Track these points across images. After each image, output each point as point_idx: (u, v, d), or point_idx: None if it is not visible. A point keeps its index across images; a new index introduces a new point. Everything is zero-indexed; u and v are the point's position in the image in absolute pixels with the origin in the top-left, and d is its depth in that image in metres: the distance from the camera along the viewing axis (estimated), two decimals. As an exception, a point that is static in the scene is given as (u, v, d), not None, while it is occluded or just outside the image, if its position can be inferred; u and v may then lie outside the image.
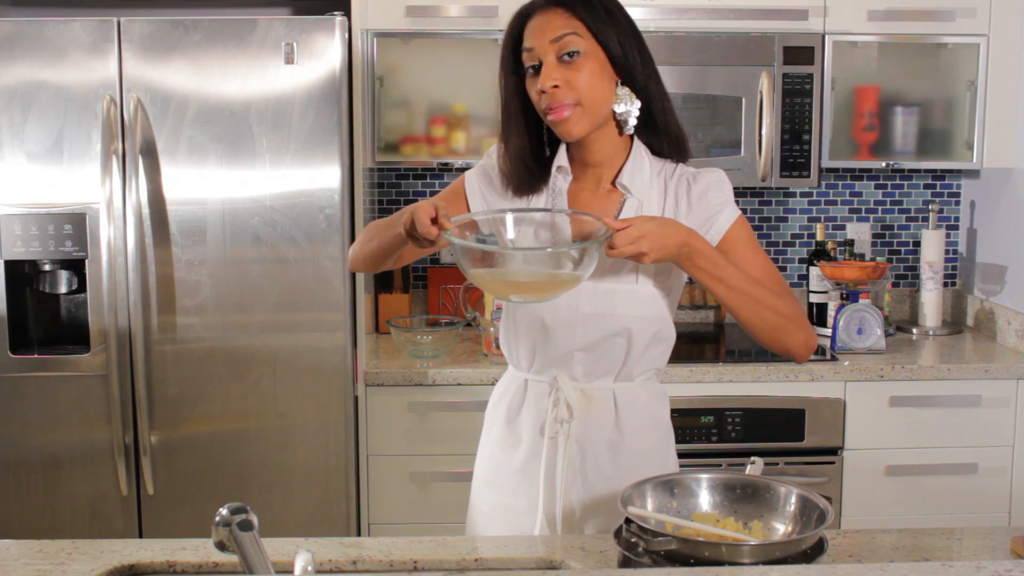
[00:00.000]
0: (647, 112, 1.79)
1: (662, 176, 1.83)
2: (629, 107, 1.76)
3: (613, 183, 1.82)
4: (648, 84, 1.77)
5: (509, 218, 1.78)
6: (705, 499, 1.55)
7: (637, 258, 1.65)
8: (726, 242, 1.80)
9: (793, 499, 1.51)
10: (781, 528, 1.50)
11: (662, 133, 1.81)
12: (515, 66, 1.78)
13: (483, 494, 1.94)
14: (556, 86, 1.71)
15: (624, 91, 1.76)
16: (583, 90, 1.71)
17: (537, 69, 1.74)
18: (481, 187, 1.89)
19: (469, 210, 1.88)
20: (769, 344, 1.79)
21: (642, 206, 1.80)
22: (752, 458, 1.62)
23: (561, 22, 1.72)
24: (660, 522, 1.45)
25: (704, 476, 1.56)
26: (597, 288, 1.78)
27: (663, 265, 1.78)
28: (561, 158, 1.83)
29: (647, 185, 1.81)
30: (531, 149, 1.83)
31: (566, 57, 1.71)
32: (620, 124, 1.78)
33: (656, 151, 1.84)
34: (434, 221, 1.63)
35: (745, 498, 1.54)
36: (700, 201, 1.80)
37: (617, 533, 1.45)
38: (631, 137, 1.82)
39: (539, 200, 1.85)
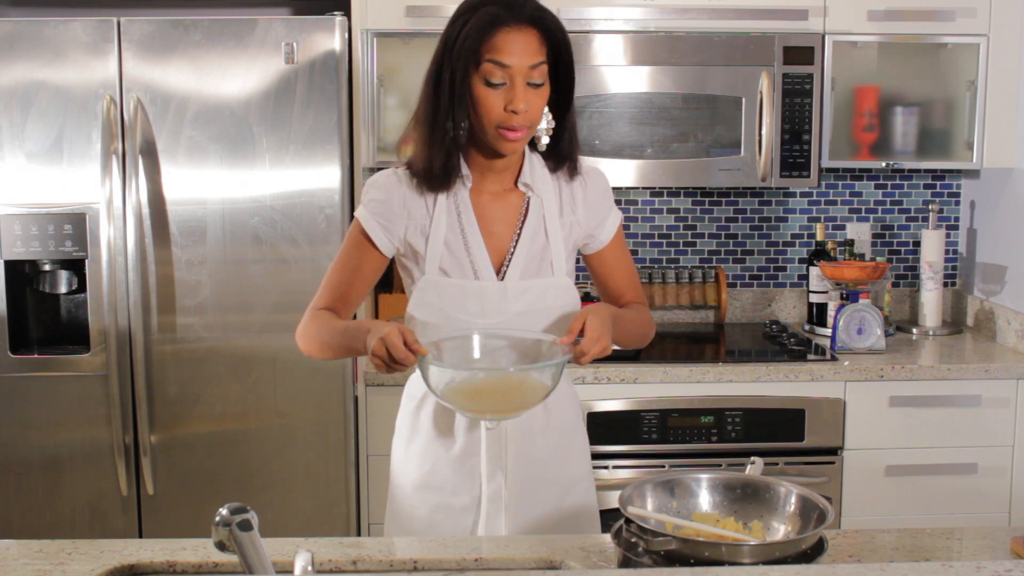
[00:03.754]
0: (557, 136, 1.88)
1: (551, 171, 1.92)
2: (549, 125, 1.86)
3: (515, 184, 1.90)
4: (568, 112, 1.87)
5: (475, 338, 1.82)
6: (705, 499, 1.55)
7: (605, 352, 1.75)
8: (611, 244, 1.96)
9: (793, 499, 1.51)
10: (781, 528, 1.50)
11: (563, 155, 1.90)
12: (476, 60, 1.77)
13: (416, 500, 1.94)
14: (526, 109, 1.77)
15: (547, 113, 1.85)
16: (535, 117, 1.81)
17: (498, 86, 1.76)
18: (379, 222, 1.89)
19: (378, 249, 1.89)
20: (627, 348, 2.00)
21: (543, 203, 1.89)
22: (752, 458, 1.62)
23: (536, 46, 1.77)
24: (660, 522, 1.46)
25: (704, 476, 1.57)
26: (524, 287, 1.86)
27: (568, 251, 1.92)
28: (462, 168, 1.87)
29: (544, 182, 1.90)
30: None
31: (531, 84, 1.78)
32: (535, 139, 1.87)
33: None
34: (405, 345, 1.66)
35: (745, 498, 1.54)
36: (595, 200, 1.94)
37: (617, 533, 1.45)
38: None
39: (443, 201, 1.86)
